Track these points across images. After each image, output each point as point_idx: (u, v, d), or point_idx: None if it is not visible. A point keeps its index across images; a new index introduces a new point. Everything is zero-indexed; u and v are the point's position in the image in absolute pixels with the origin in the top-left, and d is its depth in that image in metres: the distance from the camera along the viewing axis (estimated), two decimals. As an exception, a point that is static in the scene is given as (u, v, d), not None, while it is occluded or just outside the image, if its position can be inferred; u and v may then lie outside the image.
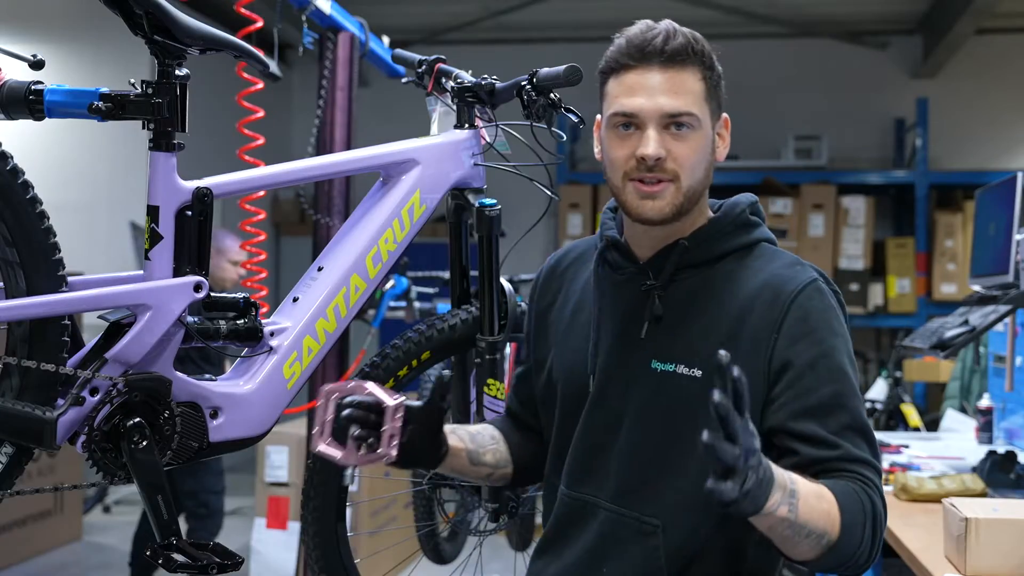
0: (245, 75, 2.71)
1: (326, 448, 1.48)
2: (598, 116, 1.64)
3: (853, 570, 1.43)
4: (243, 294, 1.92)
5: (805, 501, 1.32)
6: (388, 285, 3.99)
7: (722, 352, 1.18)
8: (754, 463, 1.20)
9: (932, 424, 4.88)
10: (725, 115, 1.61)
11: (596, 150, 1.66)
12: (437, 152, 2.09)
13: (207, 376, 1.89)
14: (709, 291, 1.56)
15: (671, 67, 1.51)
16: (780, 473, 1.30)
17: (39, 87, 1.70)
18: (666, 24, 1.55)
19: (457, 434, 1.67)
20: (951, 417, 3.85)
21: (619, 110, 1.53)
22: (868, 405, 5.12)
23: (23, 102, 1.70)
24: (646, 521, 1.53)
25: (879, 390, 5.12)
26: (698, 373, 1.51)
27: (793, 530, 1.33)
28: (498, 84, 2.12)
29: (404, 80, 2.51)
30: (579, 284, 1.72)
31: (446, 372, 1.63)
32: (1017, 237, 2.67)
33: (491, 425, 1.80)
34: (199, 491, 4.41)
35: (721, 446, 1.16)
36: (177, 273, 1.77)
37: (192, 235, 1.79)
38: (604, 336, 1.62)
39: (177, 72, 1.74)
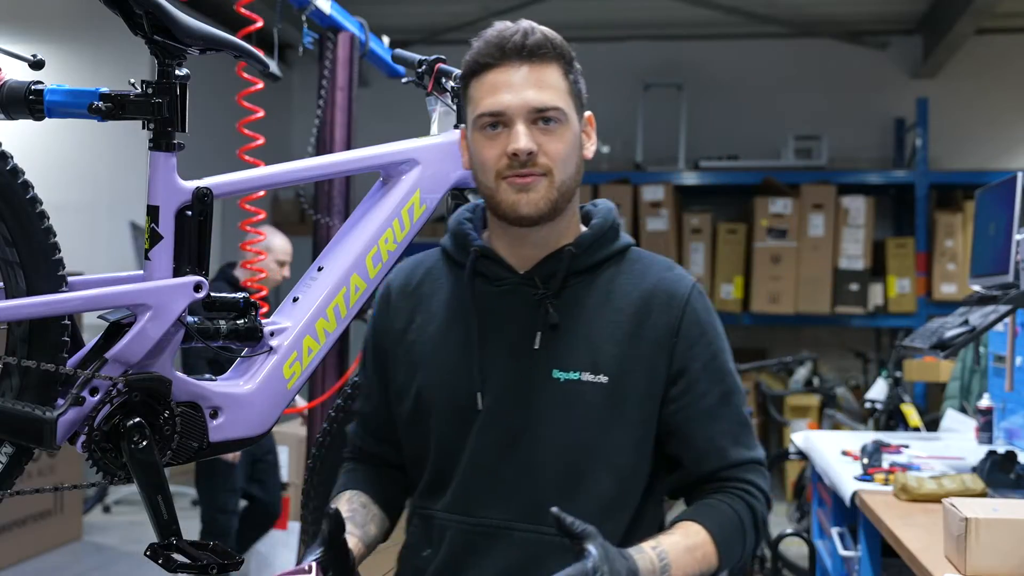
0: (245, 75, 2.71)
1: None
2: (462, 126, 1.61)
3: (737, 566, 1.58)
4: (243, 294, 1.92)
5: (677, 566, 1.44)
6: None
7: (553, 509, 1.32)
8: None
9: (932, 424, 4.88)
10: (589, 112, 1.60)
11: (464, 158, 1.62)
12: (437, 152, 2.09)
13: (207, 376, 1.89)
14: (598, 296, 1.56)
15: (533, 63, 1.50)
16: (646, 561, 1.40)
17: (39, 87, 1.70)
18: (525, 22, 1.55)
19: (349, 539, 1.56)
20: (951, 417, 3.85)
21: (485, 110, 1.50)
22: (868, 405, 5.12)
23: (23, 102, 1.70)
24: None
25: (879, 390, 5.11)
26: (604, 379, 1.51)
27: None
28: (498, 84, 2.11)
29: (404, 80, 2.51)
30: (440, 300, 1.63)
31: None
32: (1017, 237, 2.67)
33: (352, 493, 1.67)
34: (208, 507, 4.37)
35: None
36: (177, 273, 1.77)
37: (192, 235, 1.79)
38: (491, 350, 1.55)
39: (177, 72, 1.74)
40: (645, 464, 1.56)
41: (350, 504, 1.65)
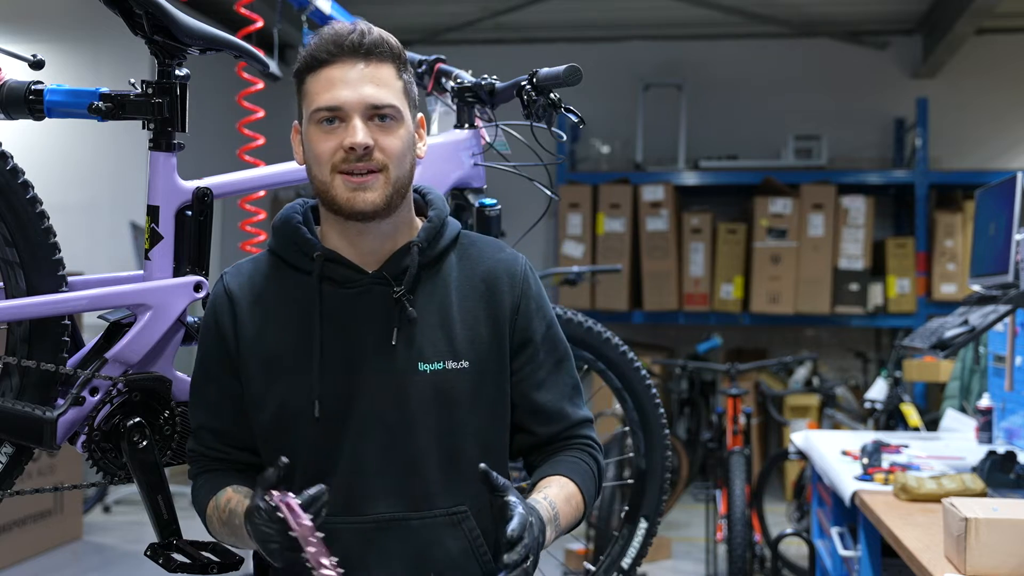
0: (245, 75, 2.71)
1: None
2: (295, 121, 1.61)
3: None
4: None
5: (563, 515, 1.58)
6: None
7: (481, 465, 1.44)
8: (540, 545, 1.45)
9: (932, 424, 4.88)
10: (421, 114, 1.64)
11: (297, 154, 1.62)
12: (437, 152, 2.09)
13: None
14: (445, 286, 1.62)
15: (370, 61, 1.54)
16: (544, 510, 1.53)
17: (39, 87, 1.71)
18: (361, 23, 1.58)
19: None
20: (951, 417, 3.85)
21: (323, 104, 1.52)
22: (868, 405, 5.12)
23: (23, 102, 1.70)
24: (455, 512, 1.59)
25: (879, 390, 5.11)
26: (465, 364, 1.59)
27: (557, 537, 1.59)
28: (498, 84, 2.12)
29: (404, 80, 2.50)
30: (288, 306, 1.60)
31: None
32: (1017, 237, 2.67)
33: (235, 487, 1.61)
34: None
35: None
36: (177, 273, 1.77)
37: (192, 235, 1.79)
38: (352, 353, 1.57)
39: (177, 72, 1.74)
40: (506, 434, 1.67)
41: (233, 490, 1.60)
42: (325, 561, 1.35)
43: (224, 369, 1.62)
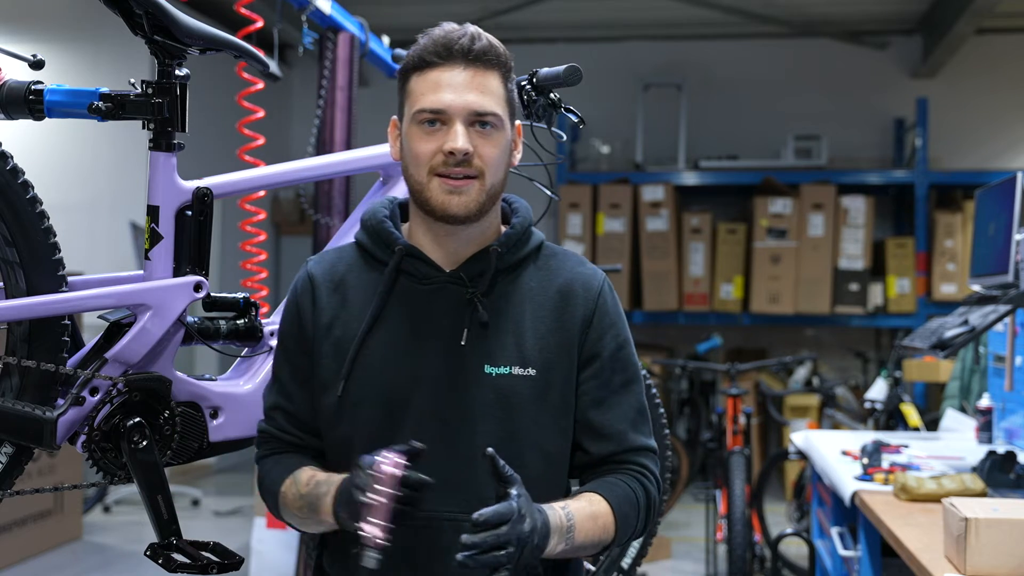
0: (245, 75, 2.71)
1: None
2: (394, 117, 1.64)
3: (632, 539, 1.70)
4: (243, 294, 1.92)
5: (581, 530, 1.53)
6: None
7: (489, 449, 1.43)
8: (524, 543, 1.41)
9: (932, 424, 4.88)
10: (519, 122, 1.65)
11: (393, 149, 1.65)
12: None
13: (207, 376, 1.89)
14: (521, 293, 1.63)
15: (476, 67, 1.56)
16: (556, 518, 1.50)
17: (39, 87, 1.70)
18: (471, 27, 1.60)
19: None
20: (951, 417, 3.85)
21: (427, 106, 1.54)
22: (868, 405, 5.12)
23: (23, 102, 1.70)
24: None
25: (879, 390, 5.11)
26: (532, 372, 1.59)
27: (573, 551, 1.54)
28: (498, 84, 2.11)
29: (404, 80, 2.50)
30: (364, 297, 1.62)
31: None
32: (1017, 237, 2.67)
33: (310, 467, 1.64)
34: None
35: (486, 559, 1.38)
36: (177, 273, 1.77)
37: (192, 235, 1.79)
38: (421, 347, 1.58)
39: (177, 72, 1.74)
40: (567, 447, 1.64)
41: (316, 470, 1.62)
42: (379, 523, 1.38)
43: (300, 351, 1.64)
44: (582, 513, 1.55)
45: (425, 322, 1.59)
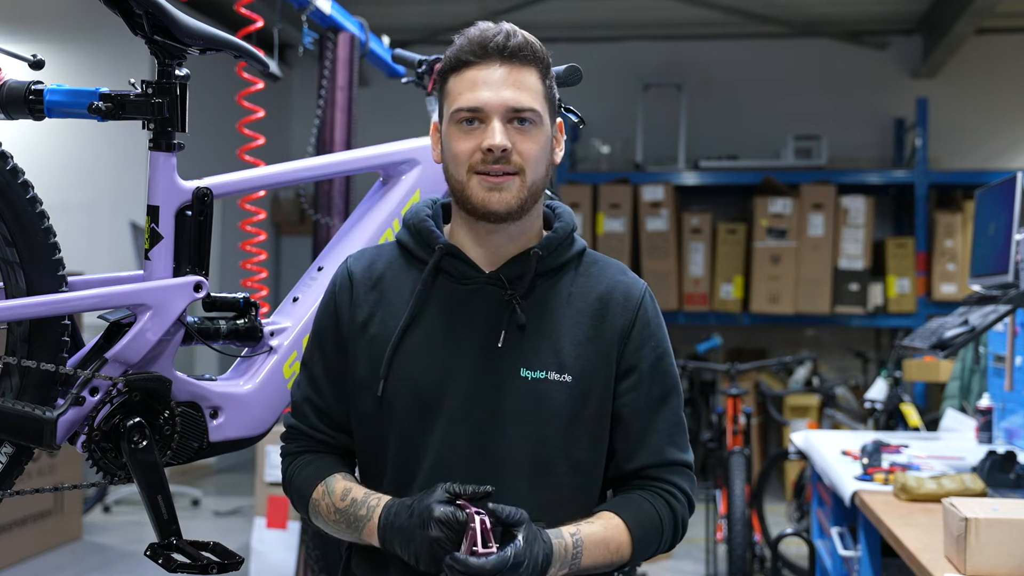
0: (245, 75, 2.71)
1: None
2: (434, 119, 1.64)
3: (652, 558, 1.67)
4: (243, 294, 1.92)
5: (588, 556, 1.52)
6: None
7: (490, 505, 1.42)
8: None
9: (932, 424, 4.88)
10: (560, 119, 1.65)
11: (435, 152, 1.65)
12: (437, 152, 2.08)
13: (207, 376, 1.89)
14: (560, 298, 1.61)
15: (513, 64, 1.55)
16: (561, 547, 1.48)
17: (39, 87, 1.70)
18: (507, 24, 1.60)
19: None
20: (951, 417, 3.85)
21: (464, 105, 1.54)
22: (868, 405, 5.12)
23: (23, 102, 1.70)
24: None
25: (879, 390, 5.11)
26: (568, 378, 1.57)
27: (584, 571, 1.52)
28: (498, 84, 2.11)
29: (404, 80, 2.51)
30: (402, 296, 1.62)
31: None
32: (1017, 237, 2.67)
33: (343, 475, 1.64)
34: None
35: None
36: (177, 273, 1.77)
37: (192, 235, 1.79)
38: (456, 348, 1.58)
39: (177, 72, 1.74)
40: (601, 457, 1.62)
41: (349, 480, 1.62)
42: None
43: (335, 347, 1.64)
44: (593, 538, 1.53)
45: (462, 322, 1.58)
